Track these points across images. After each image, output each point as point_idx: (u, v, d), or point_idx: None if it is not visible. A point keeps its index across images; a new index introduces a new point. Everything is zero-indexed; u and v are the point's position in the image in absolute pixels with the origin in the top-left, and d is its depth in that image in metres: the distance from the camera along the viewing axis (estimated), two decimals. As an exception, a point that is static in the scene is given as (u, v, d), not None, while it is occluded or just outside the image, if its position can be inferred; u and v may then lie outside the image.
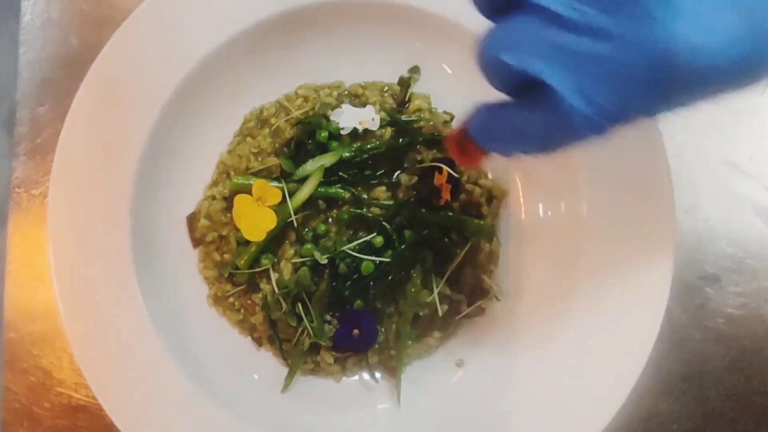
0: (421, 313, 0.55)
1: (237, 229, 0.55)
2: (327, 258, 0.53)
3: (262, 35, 0.57)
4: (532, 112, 0.33)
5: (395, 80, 0.60)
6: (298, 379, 0.56)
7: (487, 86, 0.60)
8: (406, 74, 0.60)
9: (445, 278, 0.55)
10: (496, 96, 0.36)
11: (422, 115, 0.58)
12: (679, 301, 0.59)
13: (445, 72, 0.60)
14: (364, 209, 0.55)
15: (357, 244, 0.54)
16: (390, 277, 0.54)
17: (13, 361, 0.58)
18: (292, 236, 0.55)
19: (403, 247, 0.54)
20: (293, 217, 0.54)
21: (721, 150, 0.61)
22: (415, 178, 0.56)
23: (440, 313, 0.55)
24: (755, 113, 0.62)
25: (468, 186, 0.56)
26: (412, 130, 0.57)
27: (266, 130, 0.58)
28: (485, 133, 0.37)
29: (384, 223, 0.54)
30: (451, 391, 0.56)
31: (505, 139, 0.36)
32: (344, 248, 0.53)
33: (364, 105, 0.58)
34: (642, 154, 0.55)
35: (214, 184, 0.58)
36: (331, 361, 0.55)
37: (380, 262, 0.53)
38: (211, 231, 0.57)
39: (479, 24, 0.55)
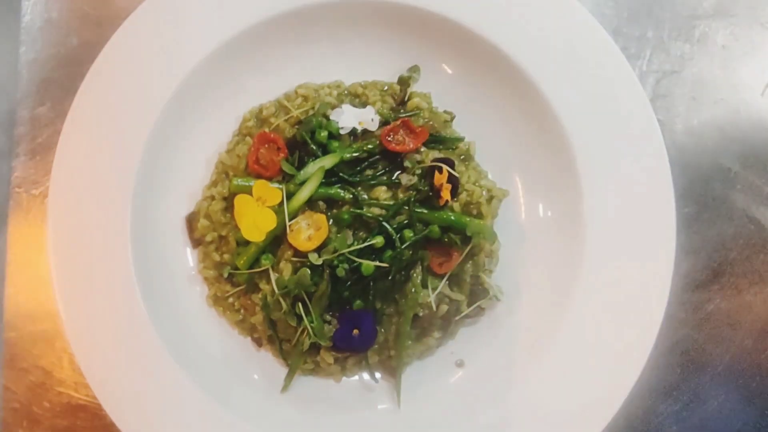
0: (420, 313, 0.55)
1: (236, 229, 0.55)
2: (322, 260, 0.53)
3: (262, 35, 0.57)
4: None
5: (395, 80, 0.60)
6: (298, 379, 0.56)
7: (487, 86, 0.60)
8: (406, 74, 0.60)
9: (445, 278, 0.55)
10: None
11: (421, 114, 0.58)
12: (679, 301, 0.59)
13: (445, 72, 0.60)
14: (364, 209, 0.55)
15: (357, 249, 0.53)
16: (390, 278, 0.54)
17: (13, 360, 0.58)
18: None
19: (403, 247, 0.54)
20: (288, 223, 0.53)
21: (721, 150, 0.61)
22: (415, 178, 0.56)
23: (434, 309, 0.55)
24: (755, 113, 0.62)
25: (468, 186, 0.56)
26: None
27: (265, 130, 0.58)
28: None
29: (384, 223, 0.54)
30: (451, 391, 0.56)
31: None
32: (344, 251, 0.53)
33: (364, 105, 0.58)
34: (642, 155, 0.55)
35: (213, 184, 0.58)
36: (331, 361, 0.55)
37: (380, 262, 0.53)
38: (211, 231, 0.57)
39: (479, 24, 0.56)
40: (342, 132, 0.56)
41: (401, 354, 0.56)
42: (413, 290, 0.54)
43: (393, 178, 0.56)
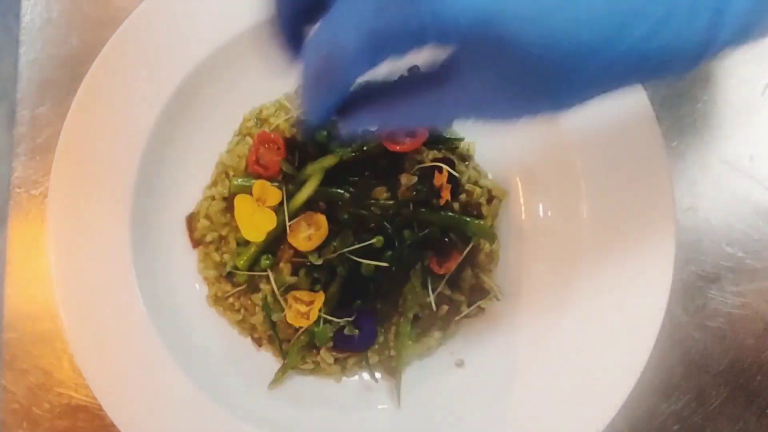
0: (420, 314, 0.55)
1: (236, 229, 0.55)
2: (323, 260, 0.53)
3: (262, 35, 0.57)
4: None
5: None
6: (298, 379, 0.56)
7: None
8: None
9: (445, 278, 0.55)
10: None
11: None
12: (679, 301, 0.59)
13: (445, 72, 0.60)
14: (365, 209, 0.55)
15: (357, 249, 0.53)
16: (390, 278, 0.54)
17: (13, 361, 0.58)
18: (292, 236, 0.55)
19: (403, 247, 0.54)
20: (288, 224, 0.53)
21: (721, 150, 0.61)
22: (415, 178, 0.56)
23: (434, 309, 0.55)
24: (755, 113, 0.62)
25: (468, 186, 0.56)
26: (412, 130, 0.57)
27: (265, 130, 0.58)
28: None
29: (384, 223, 0.54)
30: (451, 391, 0.56)
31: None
32: (344, 251, 0.53)
33: (364, 105, 0.58)
34: (642, 154, 0.55)
35: (214, 184, 0.58)
36: (331, 361, 0.55)
37: (380, 262, 0.53)
38: (211, 231, 0.57)
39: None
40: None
41: (401, 354, 0.56)
42: (413, 290, 0.54)
43: (393, 178, 0.56)
